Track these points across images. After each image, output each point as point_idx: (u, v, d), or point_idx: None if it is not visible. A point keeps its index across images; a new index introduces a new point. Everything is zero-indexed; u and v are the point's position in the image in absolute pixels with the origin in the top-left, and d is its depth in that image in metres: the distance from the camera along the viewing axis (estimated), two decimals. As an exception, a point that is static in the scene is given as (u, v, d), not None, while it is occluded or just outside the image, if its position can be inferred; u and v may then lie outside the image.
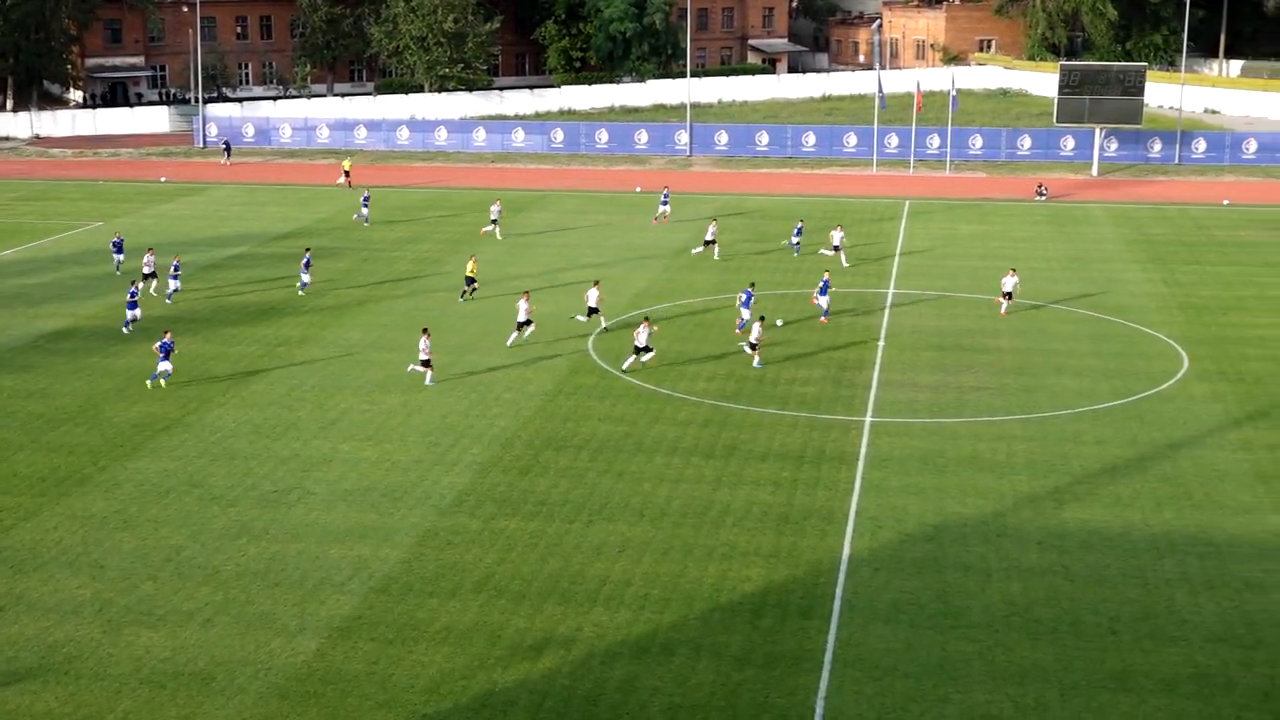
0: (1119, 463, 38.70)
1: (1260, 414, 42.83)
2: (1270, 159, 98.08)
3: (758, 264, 64.33)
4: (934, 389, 45.23)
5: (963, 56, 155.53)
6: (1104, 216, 77.82)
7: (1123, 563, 32.26)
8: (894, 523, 34.51)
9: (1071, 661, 27.79)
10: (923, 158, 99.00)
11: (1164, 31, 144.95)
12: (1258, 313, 55.38)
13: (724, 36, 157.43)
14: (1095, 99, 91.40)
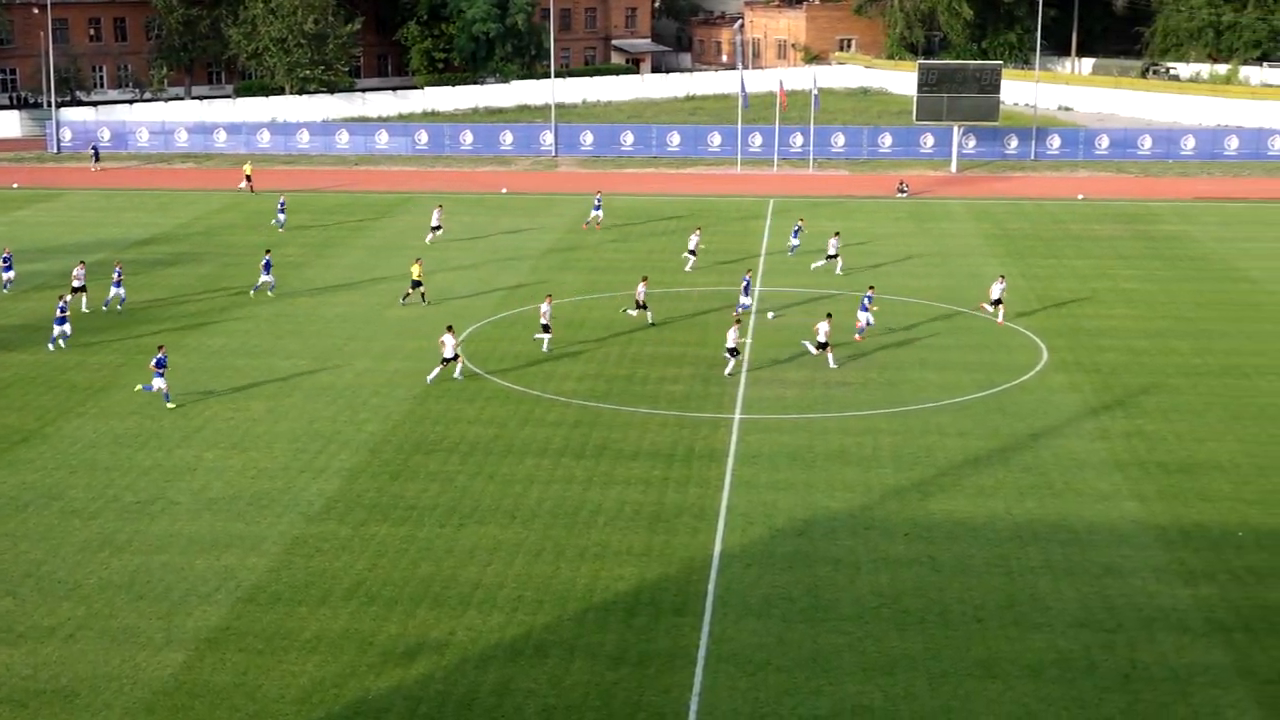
0: (982, 454, 39.42)
1: (1116, 403, 43.90)
2: (1121, 154, 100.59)
3: (624, 262, 64.50)
4: (801, 385, 45.68)
5: (824, 56, 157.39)
6: (963, 212, 79.21)
7: (987, 552, 32.86)
8: (764, 518, 34.80)
9: (939, 650, 28.24)
10: (786, 156, 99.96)
11: (1018, 30, 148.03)
12: (1112, 304, 56.76)
13: (587, 37, 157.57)
14: (953, 97, 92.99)
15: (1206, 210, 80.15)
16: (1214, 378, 46.62)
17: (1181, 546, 33.15)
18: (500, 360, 48.54)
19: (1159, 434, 41.09)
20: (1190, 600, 30.37)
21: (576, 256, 65.44)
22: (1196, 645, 28.40)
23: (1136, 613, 29.84)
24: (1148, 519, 34.80)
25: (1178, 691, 26.65)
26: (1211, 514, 35.12)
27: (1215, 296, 58.08)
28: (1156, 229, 73.99)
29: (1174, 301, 57.27)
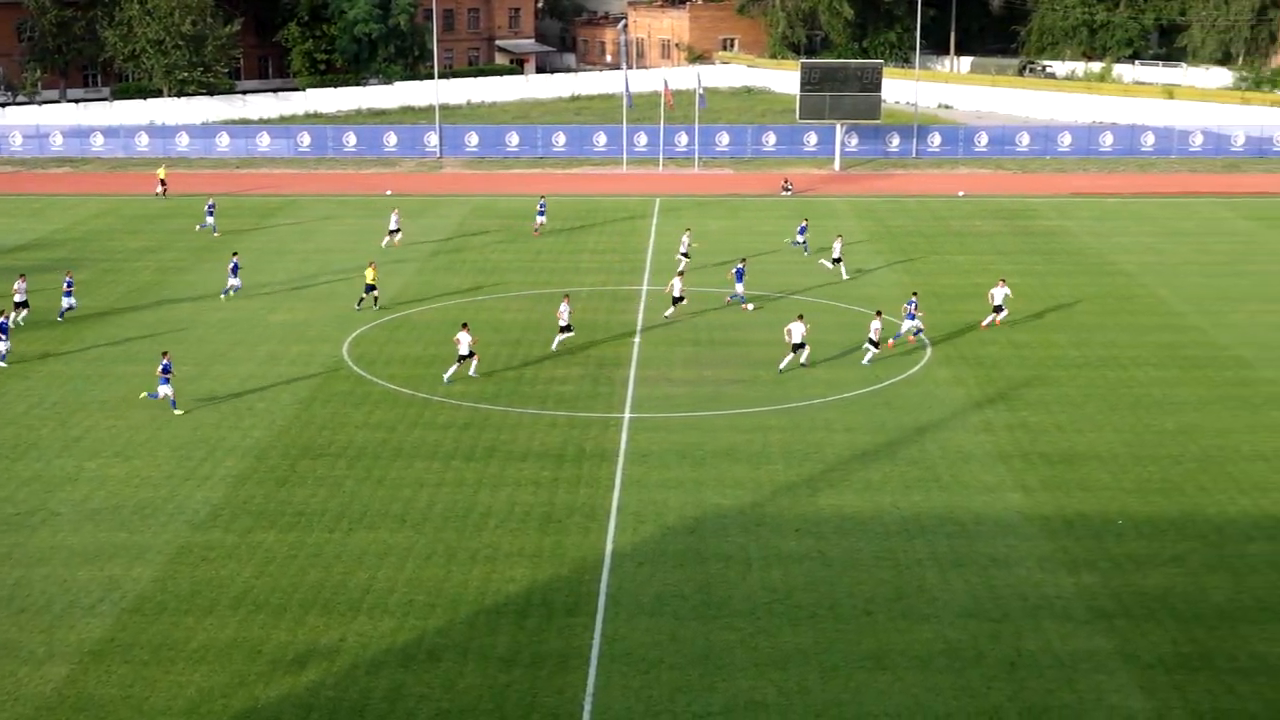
0: (869, 448, 39.84)
1: (999, 396, 44.59)
2: (1000, 151, 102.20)
3: (512, 263, 64.32)
4: (690, 384, 45.86)
5: (707, 55, 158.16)
6: (847, 210, 79.99)
7: (876, 545, 33.22)
8: (655, 517, 34.88)
9: (831, 644, 28.50)
10: (672, 155, 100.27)
11: (898, 30, 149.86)
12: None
13: (471, 37, 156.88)
14: (835, 96, 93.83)
15: (1083, 205, 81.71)
16: (1092, 369, 47.53)
17: (1064, 536, 33.77)
18: (387, 363, 48.17)
19: (1041, 425, 41.82)
20: (1073, 588, 30.93)
21: (463, 258, 65.12)
22: (1080, 633, 28.94)
23: (1022, 602, 30.34)
24: (1031, 509, 35.40)
25: (1063, 679, 27.14)
26: (1092, 503, 35.81)
27: (1092, 290, 59.22)
28: (1035, 224, 75.28)
29: (1053, 295, 58.30)
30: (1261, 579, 31.34)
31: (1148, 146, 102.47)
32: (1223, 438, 40.68)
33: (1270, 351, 49.53)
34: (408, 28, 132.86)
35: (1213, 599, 30.42)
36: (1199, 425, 41.79)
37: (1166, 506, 35.61)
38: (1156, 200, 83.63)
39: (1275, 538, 33.58)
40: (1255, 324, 53.33)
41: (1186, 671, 27.38)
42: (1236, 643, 28.49)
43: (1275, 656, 27.91)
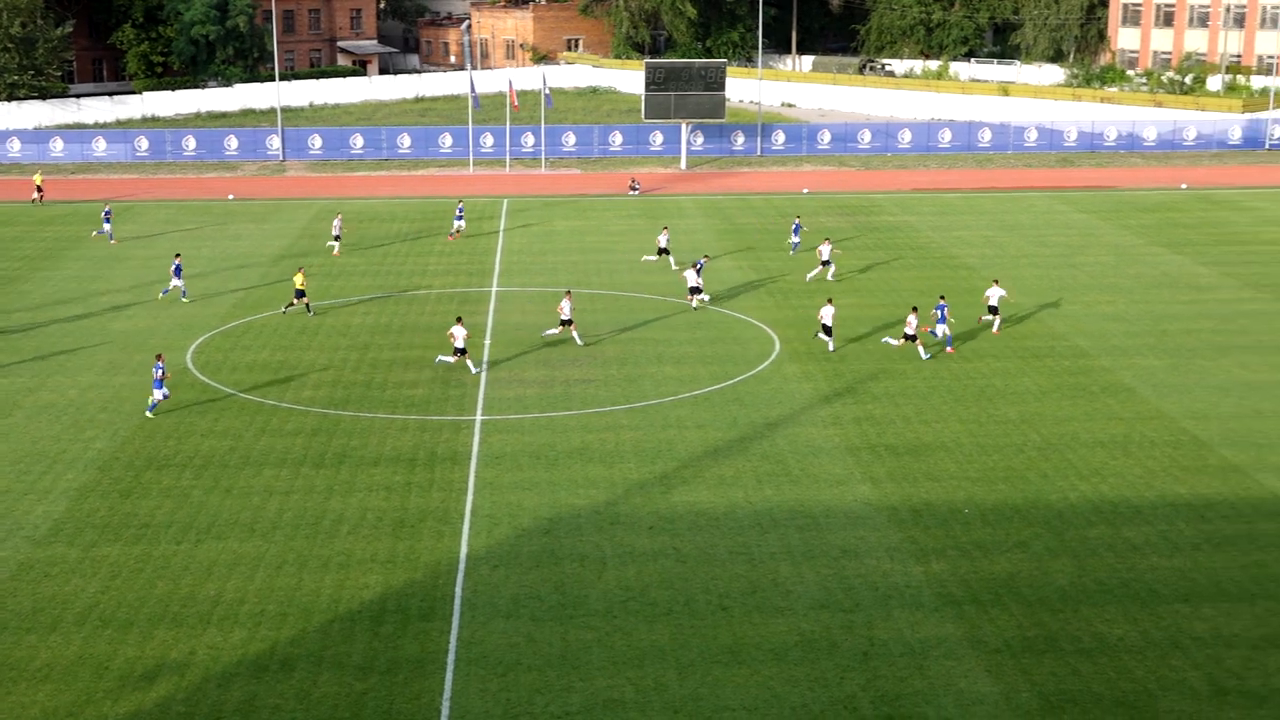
0: (721, 444, 40.15)
1: (847, 390, 45.23)
2: (843, 148, 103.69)
3: (359, 266, 63.68)
4: (542, 384, 45.80)
5: (552, 56, 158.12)
6: (694, 208, 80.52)
7: (730, 541, 33.49)
8: (509, 519, 34.78)
9: (687, 640, 28.67)
10: (518, 156, 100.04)
11: (740, 29, 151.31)
12: (838, 294, 58.35)
13: (312, 39, 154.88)
14: (680, 95, 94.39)
15: (924, 201, 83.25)
16: (936, 362, 48.42)
17: (913, 525, 34.37)
18: (233, 370, 47.36)
19: (888, 418, 42.51)
20: (922, 577, 31.50)
21: (308, 263, 64.24)
22: (930, 620, 29.48)
23: (873, 592, 30.82)
24: (880, 500, 35.97)
25: (914, 666, 27.62)
26: (939, 493, 36.50)
27: (935, 284, 60.30)
28: (878, 220, 76.51)
29: (897, 290, 59.28)
30: (1101, 562, 32.23)
31: (985, 142, 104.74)
32: (1063, 425, 41.74)
33: (1105, 340, 50.94)
34: (247, 29, 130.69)
35: (1056, 583, 31.21)
36: (1040, 414, 42.83)
37: (1010, 494, 36.44)
38: (994, 195, 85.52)
39: (1114, 522, 34.55)
40: (1091, 314, 54.81)
41: (1032, 654, 28.05)
42: (1079, 625, 29.26)
43: (1115, 637, 28.72)
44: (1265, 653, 28.01)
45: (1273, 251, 67.22)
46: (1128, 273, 62.28)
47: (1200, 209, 79.22)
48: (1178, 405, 43.46)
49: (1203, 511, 35.18)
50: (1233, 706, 26.05)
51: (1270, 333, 52.03)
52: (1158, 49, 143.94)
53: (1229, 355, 48.97)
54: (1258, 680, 26.96)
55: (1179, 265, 63.72)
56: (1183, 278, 60.80)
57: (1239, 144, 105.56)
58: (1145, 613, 29.77)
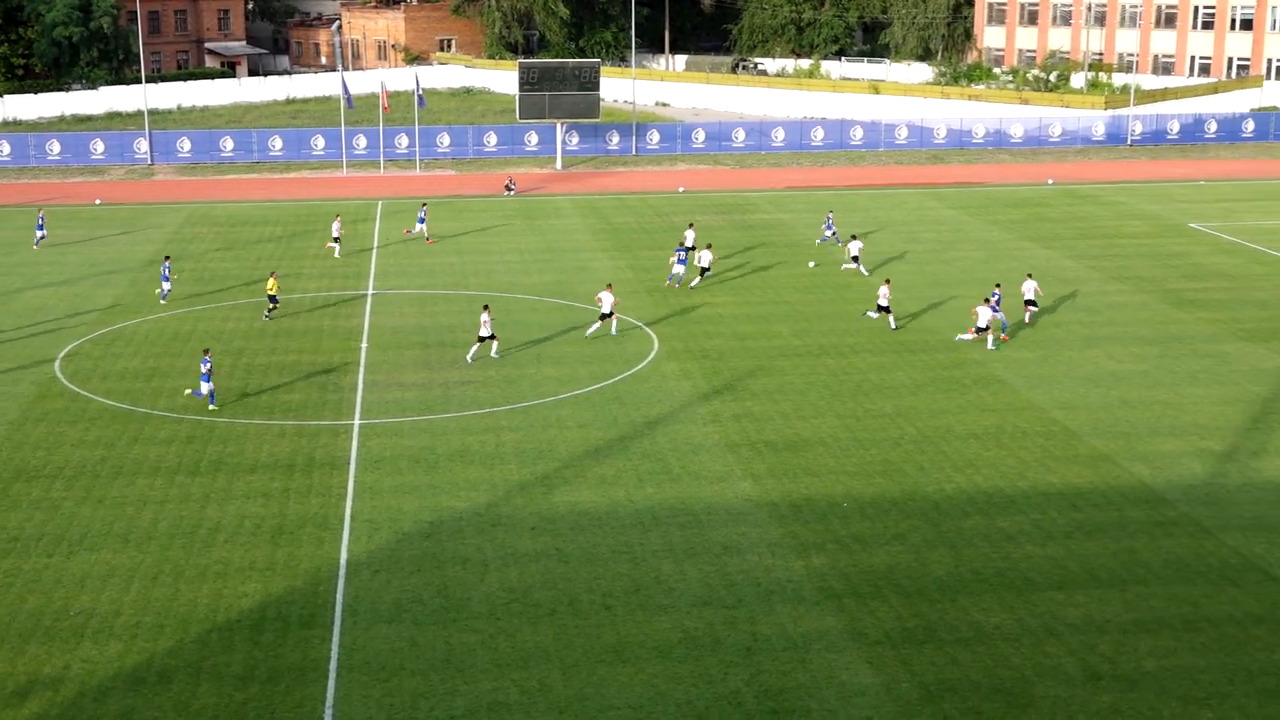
0: (602, 444, 40.19)
1: (725, 388, 45.51)
2: (717, 147, 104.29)
3: (231, 271, 62.77)
4: (421, 387, 45.50)
5: (425, 56, 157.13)
6: (571, 208, 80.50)
7: (612, 540, 33.54)
8: (390, 523, 34.50)
9: (571, 640, 28.66)
10: (392, 157, 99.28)
11: (613, 29, 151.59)
12: (715, 292, 58.76)
13: (179, 40, 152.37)
14: (554, 95, 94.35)
15: (797, 199, 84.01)
16: (813, 358, 48.92)
17: (793, 520, 34.68)
18: (104, 378, 46.44)
19: (766, 414, 42.85)
20: (804, 571, 31.80)
21: (178, 267, 63.19)
22: (811, 614, 29.77)
23: (755, 587, 31.04)
24: (761, 496, 36.24)
25: (797, 660, 27.88)
26: (818, 487, 36.87)
27: (810, 280, 60.91)
28: (753, 218, 77.07)
29: (773, 287, 59.77)
30: (977, 552, 32.77)
31: (856, 140, 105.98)
32: (937, 419, 42.38)
33: (977, 334, 51.78)
34: (111, 30, 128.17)
35: (934, 573, 31.67)
36: (915, 407, 43.45)
37: (888, 487, 36.91)
38: (867, 192, 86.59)
39: (988, 512, 35.15)
40: (963, 308, 55.65)
41: (912, 645, 28.44)
42: (957, 614, 29.72)
43: (992, 626, 29.22)
44: (1136, 637, 28.67)
45: (1136, 245, 68.84)
46: (998, 267, 63.36)
47: (1066, 204, 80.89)
48: (1048, 396, 44.33)
49: (1074, 500, 35.93)
50: (1106, 690, 26.63)
51: (1135, 324, 53.28)
52: (1023, 47, 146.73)
53: (1096, 346, 50.06)
54: (1129, 664, 27.60)
55: (1047, 259, 64.98)
56: (1050, 271, 62.01)
57: (1102, 140, 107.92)
58: (1020, 601, 30.33)
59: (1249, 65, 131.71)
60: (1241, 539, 33.39)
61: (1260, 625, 29.13)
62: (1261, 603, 30.14)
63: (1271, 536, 33.51)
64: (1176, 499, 35.94)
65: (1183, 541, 33.35)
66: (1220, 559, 32.34)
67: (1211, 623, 29.29)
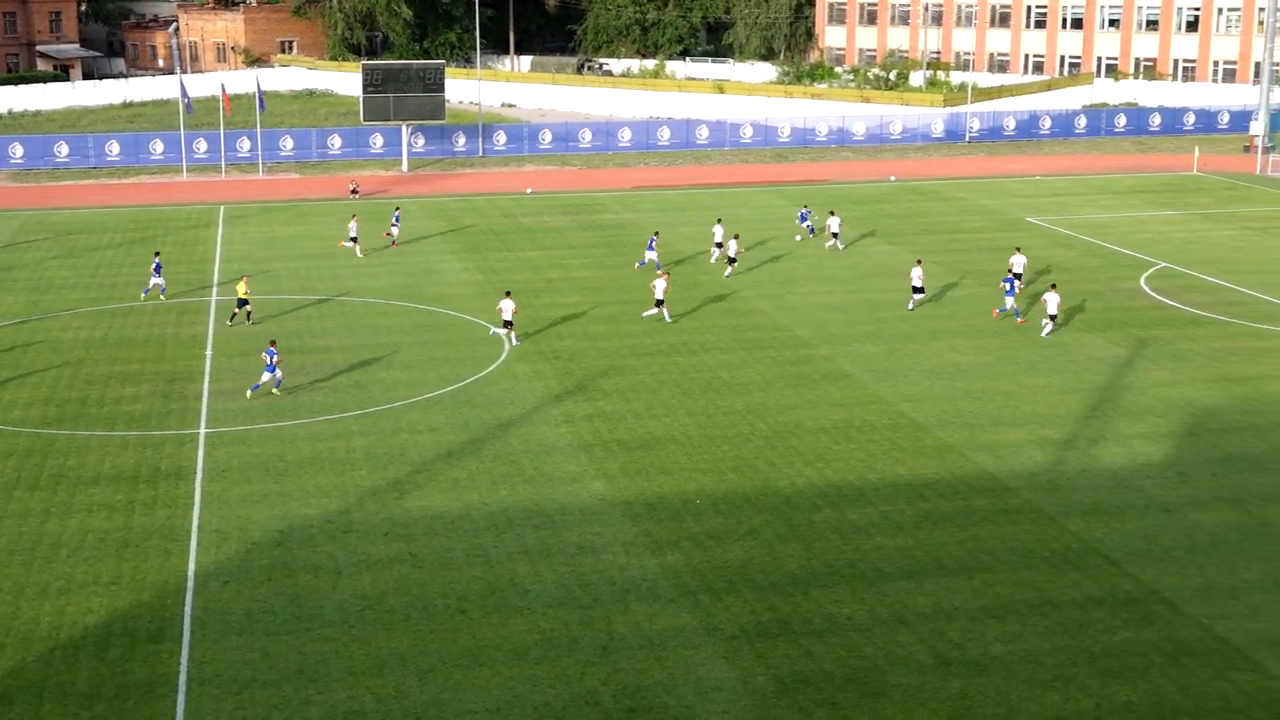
0: (454, 447, 39.95)
1: (578, 388, 45.54)
2: (564, 148, 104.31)
3: (69, 279, 61.20)
4: (268, 393, 44.79)
5: (265, 58, 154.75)
6: (418, 211, 79.90)
7: (466, 543, 33.36)
8: (239, 533, 33.92)
9: (426, 646, 28.44)
10: (234, 161, 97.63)
11: (457, 30, 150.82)
12: (566, 293, 58.79)
13: (8, 43, 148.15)
14: (399, 97, 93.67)
15: (645, 198, 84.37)
16: (664, 356, 49.16)
17: (647, 519, 34.81)
18: (-64, 392, 44.98)
19: (618, 413, 42.95)
20: (658, 569, 31.94)
21: (13, 276, 61.48)
22: (667, 611, 29.91)
23: (610, 586, 31.10)
24: (614, 496, 36.32)
25: (653, 657, 27.98)
26: (671, 485, 37.06)
27: (660, 279, 61.16)
28: (601, 218, 77.23)
29: (623, 287, 59.94)
30: (828, 545, 33.21)
31: (703, 140, 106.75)
32: (787, 414, 42.85)
33: (825, 330, 52.50)
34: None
35: (787, 567, 32.02)
36: (765, 403, 43.89)
37: (740, 483, 37.23)
38: (714, 191, 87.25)
39: (839, 505, 35.63)
40: (810, 304, 56.41)
41: (767, 639, 28.73)
42: (810, 607, 30.09)
43: (844, 617, 29.63)
44: (983, 623, 29.29)
45: (975, 239, 70.34)
46: (843, 263, 64.30)
47: (908, 200, 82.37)
48: (894, 390, 45.09)
49: (921, 491, 36.59)
50: (955, 676, 27.16)
51: (976, 316, 54.42)
52: (863, 46, 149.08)
53: (940, 340, 51.03)
54: (977, 649, 28.18)
55: (890, 255, 66.09)
56: (894, 267, 63.06)
57: (941, 137, 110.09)
58: (871, 591, 30.79)
59: (1080, 63, 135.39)
60: (1082, 524, 34.30)
61: (1101, 607, 29.95)
62: (1102, 586, 30.99)
63: (1110, 521, 34.48)
64: (1020, 487, 36.79)
65: (1026, 528, 34.16)
66: (1062, 544, 33.18)
67: (1055, 606, 30.03)
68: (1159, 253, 65.87)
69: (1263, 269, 62.65)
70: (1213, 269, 61.01)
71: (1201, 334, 51.69)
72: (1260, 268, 62.92)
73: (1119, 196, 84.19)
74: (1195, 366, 47.50)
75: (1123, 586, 30.93)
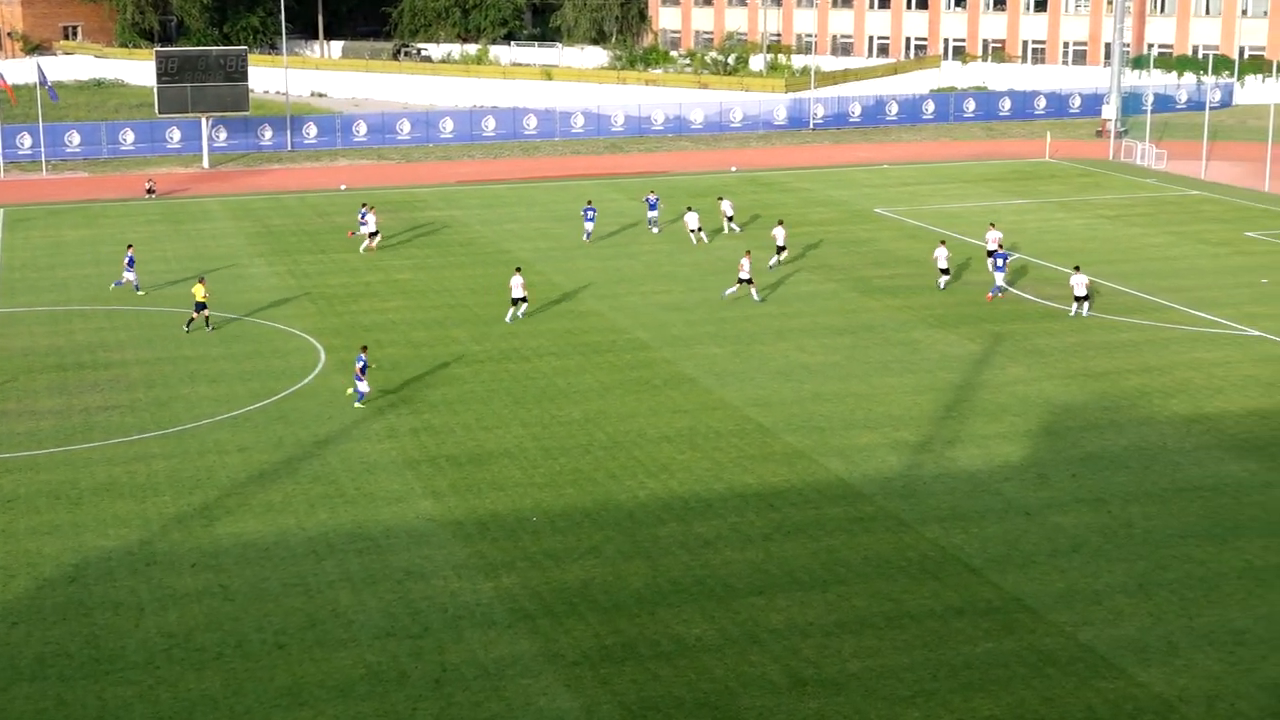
0: (267, 468, 39.37)
1: (401, 401, 45.18)
2: (381, 140, 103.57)
3: None
4: (58, 414, 43.71)
5: (47, 45, 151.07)
6: (221, 210, 78.67)
7: (283, 572, 32.87)
8: (28, 569, 33.01)
9: (241, 685, 27.95)
10: (15, 159, 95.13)
11: (260, 13, 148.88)
12: (387, 297, 58.33)
13: None
14: (198, 87, 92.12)
15: (470, 194, 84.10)
16: (495, 363, 49.03)
17: (480, 539, 34.66)
18: None
19: (447, 426, 42.72)
20: (493, 592, 31.81)
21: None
22: (504, 638, 29.80)
23: (442, 614, 30.89)
24: (444, 515, 36.10)
25: (490, 688, 27.85)
26: (505, 502, 36.95)
27: (488, 281, 61.03)
28: (423, 215, 76.81)
29: (448, 289, 59.66)
30: (675, 561, 33.38)
31: (530, 130, 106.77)
32: (628, 422, 43.01)
33: (666, 331, 52.82)
34: None
35: (631, 586, 32.12)
36: (604, 412, 43.99)
37: (579, 497, 37.26)
38: (543, 184, 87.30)
39: (684, 518, 35.85)
40: (649, 305, 56.72)
41: (611, 664, 28.77)
42: (657, 628, 30.21)
43: (694, 638, 29.80)
44: (839, 639, 29.68)
45: (821, 232, 71.37)
46: (684, 260, 64.78)
47: (750, 191, 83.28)
48: (740, 393, 45.52)
49: (771, 500, 36.98)
50: (812, 696, 27.48)
51: (825, 314, 55.22)
52: (699, 28, 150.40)
53: (786, 339, 51.67)
54: (834, 667, 28.55)
55: (733, 250, 66.71)
56: (737, 263, 63.67)
57: (784, 124, 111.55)
58: (721, 609, 31.02)
59: (926, 45, 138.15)
60: (940, 531, 34.96)
61: (961, 618, 30.55)
62: (961, 595, 31.61)
63: (969, 526, 35.20)
64: (874, 493, 37.39)
65: (882, 537, 34.71)
66: (919, 552, 33.79)
67: (914, 618, 30.56)
68: (1013, 244, 67.53)
69: (1118, 259, 64.61)
70: (1068, 260, 62.63)
71: (1058, 328, 53.09)
72: (1115, 258, 64.87)
73: (970, 185, 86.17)
74: (1052, 362, 48.77)
75: (983, 595, 31.59)
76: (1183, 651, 28.94)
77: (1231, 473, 38.64)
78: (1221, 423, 42.60)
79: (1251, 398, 44.97)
